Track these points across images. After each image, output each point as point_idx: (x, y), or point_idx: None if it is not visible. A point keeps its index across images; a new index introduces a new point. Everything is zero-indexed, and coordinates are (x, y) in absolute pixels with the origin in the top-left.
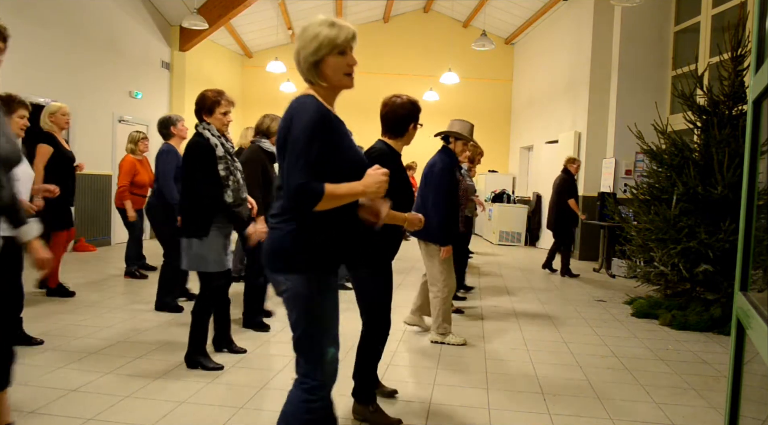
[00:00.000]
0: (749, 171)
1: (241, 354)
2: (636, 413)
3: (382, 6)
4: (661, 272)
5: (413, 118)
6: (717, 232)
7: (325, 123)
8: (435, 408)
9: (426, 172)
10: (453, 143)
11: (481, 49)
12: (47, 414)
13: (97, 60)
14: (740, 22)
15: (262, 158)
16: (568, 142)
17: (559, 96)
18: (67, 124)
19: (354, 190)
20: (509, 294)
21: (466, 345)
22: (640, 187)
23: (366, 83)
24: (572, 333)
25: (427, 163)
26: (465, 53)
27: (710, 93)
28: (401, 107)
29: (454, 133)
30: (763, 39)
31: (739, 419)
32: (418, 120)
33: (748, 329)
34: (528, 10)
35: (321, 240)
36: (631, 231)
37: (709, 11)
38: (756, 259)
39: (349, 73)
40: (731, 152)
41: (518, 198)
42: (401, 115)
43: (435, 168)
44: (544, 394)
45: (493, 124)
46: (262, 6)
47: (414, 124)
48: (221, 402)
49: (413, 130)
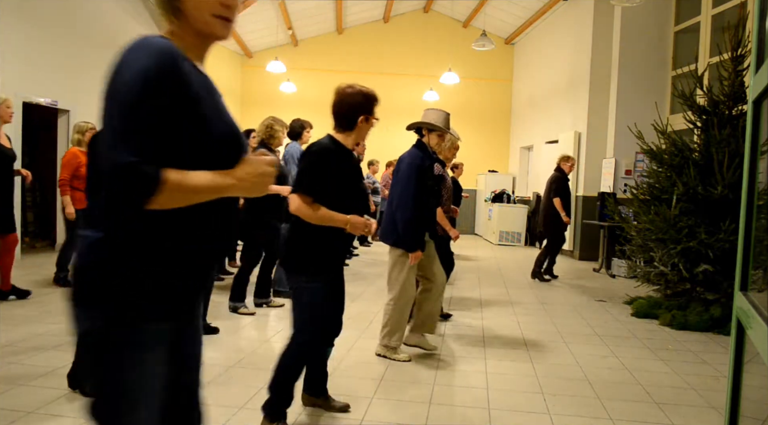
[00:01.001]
0: (749, 171)
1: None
2: (636, 413)
3: (382, 6)
4: (661, 272)
5: (364, 110)
6: (717, 232)
7: (172, 75)
8: (432, 409)
9: (395, 169)
10: (427, 135)
11: (481, 49)
12: (47, 414)
13: (97, 60)
14: (740, 22)
15: None
16: (568, 142)
17: (559, 96)
18: (10, 118)
19: (217, 183)
20: (509, 294)
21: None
22: (640, 187)
23: (366, 83)
24: (572, 333)
25: (398, 159)
26: (465, 53)
27: (710, 93)
28: (350, 97)
29: (426, 123)
30: (763, 39)
31: (739, 419)
32: (373, 113)
33: (748, 329)
34: (528, 10)
35: (140, 266)
36: (631, 231)
37: (709, 11)
38: (756, 259)
39: (222, 16)
40: (731, 152)
41: (518, 198)
42: (350, 105)
43: (403, 164)
44: (544, 394)
45: (493, 124)
46: (262, 6)
47: (366, 116)
48: (221, 402)
49: (365, 124)
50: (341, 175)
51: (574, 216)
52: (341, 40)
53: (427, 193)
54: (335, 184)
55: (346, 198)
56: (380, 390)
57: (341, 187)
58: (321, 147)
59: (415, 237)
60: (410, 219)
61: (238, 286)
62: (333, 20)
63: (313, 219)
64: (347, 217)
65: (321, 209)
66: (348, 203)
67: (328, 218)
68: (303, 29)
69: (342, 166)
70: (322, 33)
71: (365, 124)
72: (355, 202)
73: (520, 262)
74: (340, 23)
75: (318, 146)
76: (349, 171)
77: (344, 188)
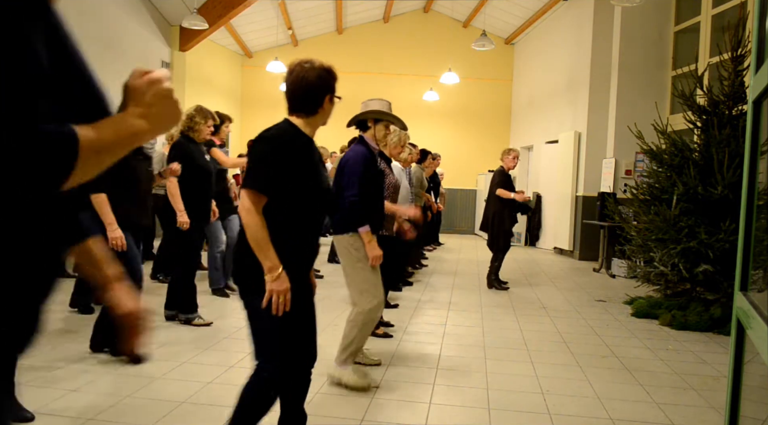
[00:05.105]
0: (749, 171)
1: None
2: (636, 413)
3: (382, 6)
4: (661, 272)
5: (329, 89)
6: (717, 232)
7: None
8: (432, 409)
9: (337, 172)
10: (373, 127)
11: (481, 49)
12: (47, 414)
13: (97, 60)
14: (740, 22)
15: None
16: (568, 142)
17: (559, 96)
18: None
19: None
20: (509, 294)
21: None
22: (640, 187)
23: (366, 83)
24: (572, 333)
25: (338, 163)
26: (465, 53)
27: (710, 93)
28: (312, 74)
29: (372, 113)
30: (763, 39)
31: (739, 419)
32: (335, 91)
33: (748, 329)
34: (528, 10)
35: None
36: (631, 231)
37: (709, 11)
38: (756, 259)
39: None
40: (731, 152)
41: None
42: (313, 84)
43: (347, 164)
44: (544, 394)
45: (493, 124)
46: (262, 6)
47: (330, 96)
48: (221, 402)
49: (330, 106)
50: (303, 168)
51: (574, 216)
52: (341, 40)
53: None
54: (296, 180)
55: (308, 197)
56: (380, 391)
57: (303, 184)
58: (278, 132)
59: (363, 214)
60: (356, 194)
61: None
62: (333, 20)
63: (249, 229)
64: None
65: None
66: (310, 204)
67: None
68: (303, 29)
69: (304, 158)
70: (322, 33)
71: (330, 106)
72: (318, 202)
73: (520, 262)
74: (340, 23)
75: (274, 131)
76: (313, 165)
77: (306, 185)
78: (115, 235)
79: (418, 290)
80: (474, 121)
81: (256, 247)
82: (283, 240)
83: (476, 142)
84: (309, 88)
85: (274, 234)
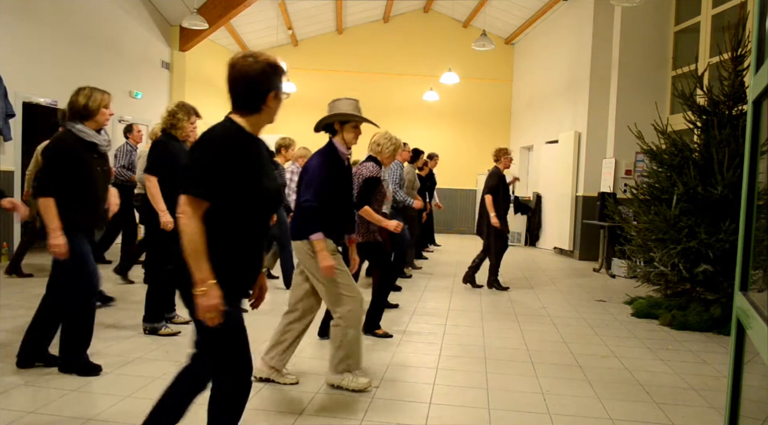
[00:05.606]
0: (749, 171)
1: None
2: (636, 413)
3: (382, 6)
4: (661, 272)
5: (274, 85)
6: (717, 232)
7: None
8: (432, 409)
9: (300, 175)
10: (340, 131)
11: (481, 49)
12: (47, 414)
13: (97, 60)
14: (740, 22)
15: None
16: (568, 142)
17: (559, 96)
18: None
19: None
20: (509, 293)
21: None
22: (640, 187)
23: (366, 83)
24: (572, 333)
25: (302, 168)
26: (465, 53)
27: (710, 93)
28: (255, 69)
29: (337, 116)
30: (763, 39)
31: (739, 419)
32: (281, 88)
33: (748, 329)
34: (528, 10)
35: None
36: (631, 231)
37: (709, 11)
38: (756, 259)
39: None
40: (731, 152)
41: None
42: (255, 80)
43: (310, 168)
44: (545, 394)
45: (493, 124)
46: (262, 6)
47: (276, 93)
48: None
49: (275, 103)
50: (248, 170)
51: (574, 216)
52: (341, 40)
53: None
54: (240, 183)
55: (254, 201)
56: (380, 391)
57: (248, 187)
58: (220, 132)
59: (317, 221)
60: (311, 200)
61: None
62: (333, 20)
63: (186, 236)
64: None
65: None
66: (255, 207)
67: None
68: (303, 29)
69: (248, 159)
70: (322, 33)
71: (275, 103)
72: (265, 205)
73: (520, 263)
74: (340, 23)
75: (216, 132)
76: (260, 165)
77: (251, 188)
78: (58, 242)
79: (418, 290)
80: (474, 121)
81: (189, 255)
82: (224, 247)
83: (476, 142)
84: (251, 84)
85: (214, 241)
